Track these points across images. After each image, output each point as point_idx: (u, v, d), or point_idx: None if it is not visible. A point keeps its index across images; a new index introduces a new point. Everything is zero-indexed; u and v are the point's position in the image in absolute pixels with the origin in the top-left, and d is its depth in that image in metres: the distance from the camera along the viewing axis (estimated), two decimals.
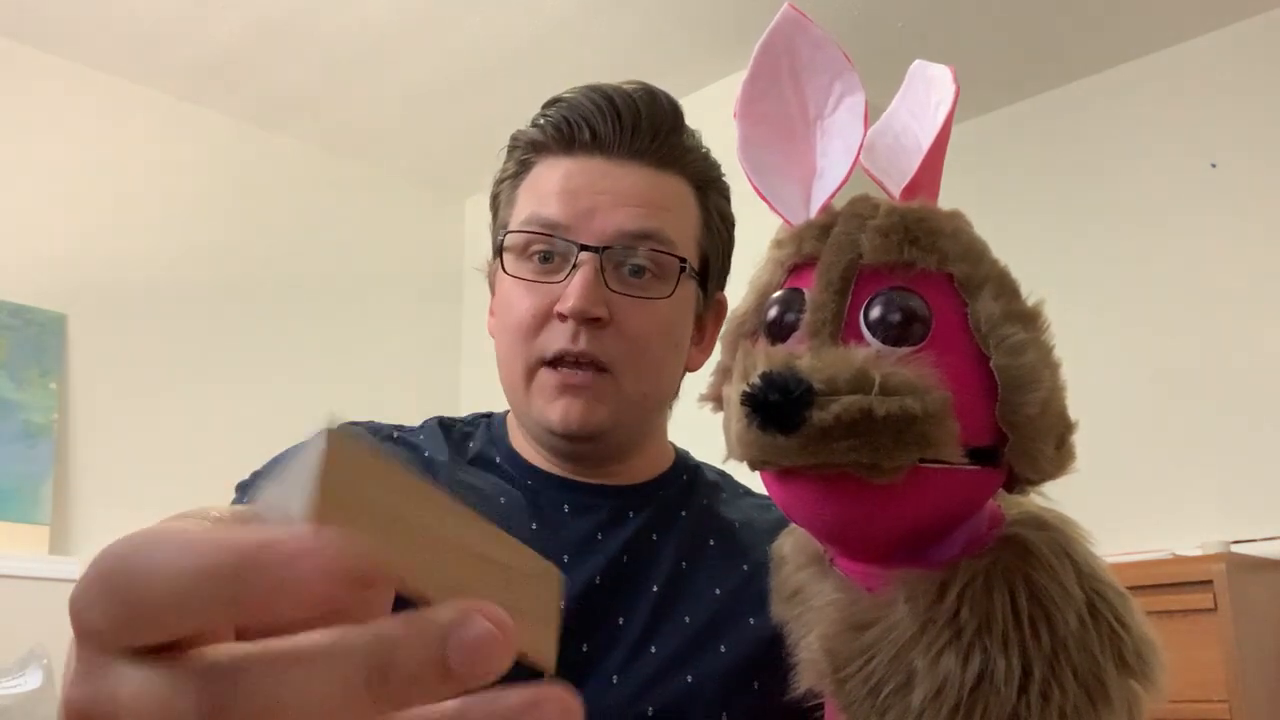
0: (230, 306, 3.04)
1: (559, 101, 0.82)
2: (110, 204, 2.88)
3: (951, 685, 0.49)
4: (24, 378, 2.63)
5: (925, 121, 0.56)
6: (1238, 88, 2.60)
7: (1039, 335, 0.53)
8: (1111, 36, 2.71)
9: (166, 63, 2.88)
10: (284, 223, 3.22)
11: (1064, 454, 0.54)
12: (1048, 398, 0.52)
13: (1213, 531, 2.31)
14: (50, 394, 2.66)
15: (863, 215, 0.54)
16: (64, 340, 2.73)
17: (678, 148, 0.81)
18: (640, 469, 0.85)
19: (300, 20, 2.70)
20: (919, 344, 0.51)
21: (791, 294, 0.55)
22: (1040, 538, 0.53)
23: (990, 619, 0.50)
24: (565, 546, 0.78)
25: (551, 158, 0.81)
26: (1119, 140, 2.77)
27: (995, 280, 0.53)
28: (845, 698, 0.52)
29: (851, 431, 0.48)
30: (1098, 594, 0.52)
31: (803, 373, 0.48)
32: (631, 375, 0.78)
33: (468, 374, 3.54)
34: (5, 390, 2.60)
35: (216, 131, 3.12)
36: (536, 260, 0.79)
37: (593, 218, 0.77)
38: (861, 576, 0.56)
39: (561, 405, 0.77)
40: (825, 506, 0.52)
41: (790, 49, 0.59)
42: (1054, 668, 0.49)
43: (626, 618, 0.76)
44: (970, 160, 2.88)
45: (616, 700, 0.72)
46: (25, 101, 2.78)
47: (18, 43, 2.77)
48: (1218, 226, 2.57)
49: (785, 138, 0.59)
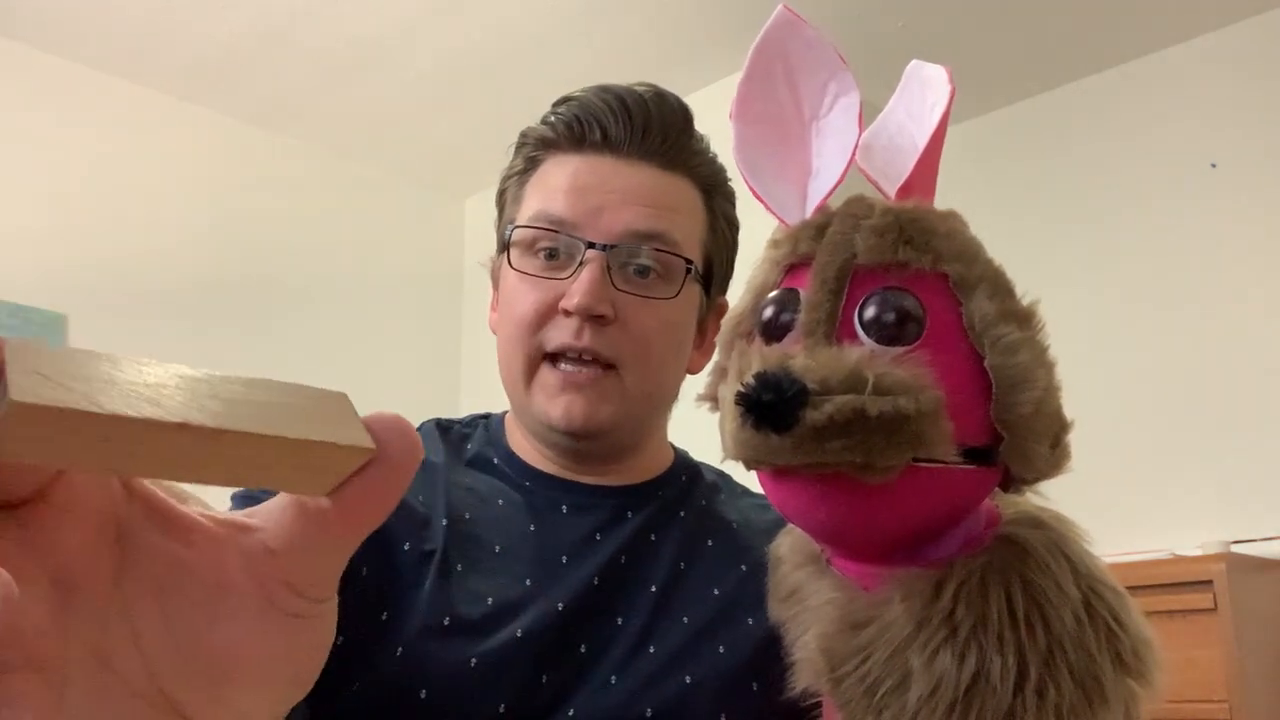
0: (230, 306, 3.05)
1: (570, 100, 0.82)
2: (110, 204, 2.88)
3: (947, 684, 0.49)
4: None
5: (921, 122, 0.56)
6: (1238, 88, 2.60)
7: (1034, 335, 0.53)
8: (1111, 36, 2.71)
9: (166, 63, 2.88)
10: (284, 223, 3.23)
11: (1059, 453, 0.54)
12: (1042, 397, 0.52)
13: (1213, 531, 2.31)
14: None
15: (858, 215, 0.54)
16: (64, 340, 2.73)
17: (686, 150, 0.82)
18: (640, 469, 0.85)
19: (300, 20, 2.70)
20: (913, 344, 0.51)
21: (787, 294, 0.55)
22: (1036, 537, 0.53)
23: (986, 618, 0.50)
24: (564, 547, 0.78)
25: (561, 155, 0.81)
26: (1119, 140, 2.77)
27: (990, 280, 0.53)
28: (841, 697, 0.52)
29: (845, 431, 0.48)
30: (1094, 593, 0.52)
31: (796, 372, 0.48)
32: (635, 374, 0.78)
33: (468, 374, 3.54)
34: None
35: (216, 131, 3.12)
36: (543, 256, 0.79)
37: (600, 216, 0.77)
38: (858, 576, 0.56)
39: (564, 402, 0.77)
40: (820, 506, 0.52)
41: (785, 50, 0.59)
42: (1050, 666, 0.49)
43: (625, 618, 0.76)
44: (969, 160, 2.88)
45: (615, 701, 0.72)
46: (25, 101, 2.78)
47: (18, 43, 2.77)
48: (1218, 226, 2.57)
49: (781, 138, 0.59)
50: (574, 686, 0.72)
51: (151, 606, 0.29)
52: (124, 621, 0.29)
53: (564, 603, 0.74)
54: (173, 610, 0.29)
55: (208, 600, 0.30)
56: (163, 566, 0.29)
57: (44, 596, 0.28)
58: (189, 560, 0.30)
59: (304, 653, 0.32)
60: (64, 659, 0.28)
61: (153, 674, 0.29)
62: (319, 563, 0.30)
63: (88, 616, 0.29)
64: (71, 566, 0.28)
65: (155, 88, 2.99)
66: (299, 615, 0.31)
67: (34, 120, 2.79)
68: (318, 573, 0.30)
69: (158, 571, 0.29)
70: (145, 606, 0.29)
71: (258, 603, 0.30)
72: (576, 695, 0.71)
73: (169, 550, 0.30)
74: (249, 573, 0.30)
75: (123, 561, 0.29)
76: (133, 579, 0.29)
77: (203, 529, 0.30)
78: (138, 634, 0.29)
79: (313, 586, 0.30)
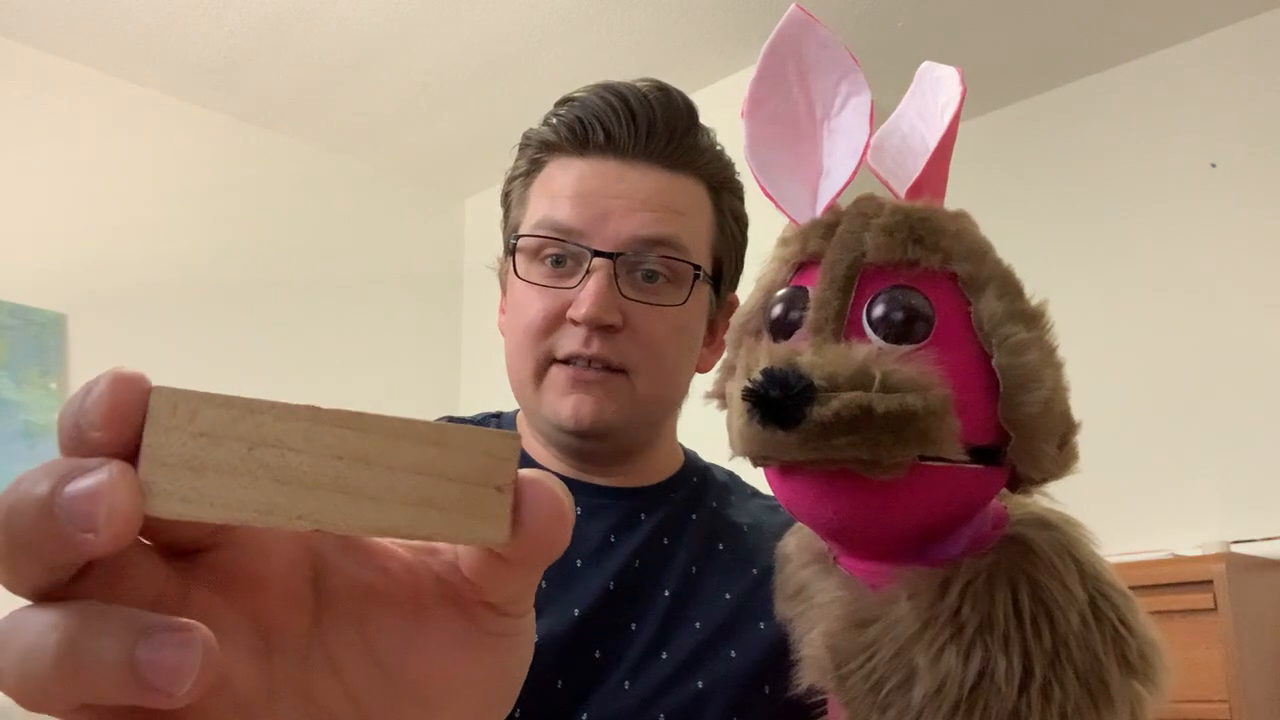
0: (230, 306, 3.04)
1: (572, 100, 0.80)
2: (110, 204, 2.87)
3: (952, 683, 0.49)
4: (24, 378, 2.63)
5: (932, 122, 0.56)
6: (1238, 88, 2.60)
7: (1042, 335, 0.53)
8: (1111, 36, 2.71)
9: (166, 63, 2.88)
10: (284, 223, 3.22)
11: (1067, 454, 0.54)
12: (1050, 397, 0.52)
13: (1213, 531, 2.31)
14: (50, 394, 2.66)
15: (867, 214, 0.54)
16: (64, 340, 2.73)
17: (693, 149, 0.80)
18: (650, 470, 0.84)
19: (300, 20, 2.70)
20: (921, 342, 0.51)
21: (796, 292, 0.55)
22: (1044, 537, 0.53)
23: (991, 617, 0.50)
24: (578, 552, 0.78)
25: (564, 158, 0.80)
26: (1119, 140, 2.77)
27: (999, 280, 0.53)
28: (846, 694, 0.52)
29: (851, 427, 0.48)
30: (1101, 594, 0.52)
31: (804, 369, 0.48)
32: (645, 378, 0.77)
33: (468, 374, 3.54)
34: (5, 390, 2.60)
35: (217, 131, 3.12)
36: (549, 264, 0.78)
37: (606, 223, 0.76)
38: (865, 574, 0.56)
39: (573, 401, 0.76)
40: (826, 502, 0.52)
41: (797, 50, 0.59)
42: (1055, 666, 0.49)
43: (638, 623, 0.76)
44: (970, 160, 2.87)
45: (628, 706, 0.72)
46: (25, 101, 2.78)
47: (18, 43, 2.77)
48: (1218, 226, 2.57)
49: (792, 137, 0.59)
50: (588, 692, 0.72)
51: (351, 637, 0.29)
52: (324, 655, 0.29)
53: (579, 609, 0.74)
54: (373, 638, 0.29)
55: (407, 626, 0.29)
56: (360, 596, 0.29)
57: (246, 644, 0.27)
58: (385, 588, 0.29)
59: (507, 671, 0.31)
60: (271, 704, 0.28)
61: (357, 704, 0.29)
62: (511, 584, 0.29)
63: (289, 655, 0.28)
64: (270, 608, 0.28)
65: (155, 88, 2.99)
66: (500, 634, 0.30)
67: (34, 120, 2.79)
68: (512, 590, 0.29)
69: (355, 602, 0.29)
70: (345, 637, 0.29)
71: (458, 624, 0.29)
72: (591, 701, 0.71)
73: (364, 579, 0.29)
74: (446, 596, 0.29)
75: (319, 595, 0.29)
76: (331, 611, 0.29)
77: (395, 555, 0.30)
78: (339, 667, 0.29)
79: (510, 604, 0.30)
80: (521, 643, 0.31)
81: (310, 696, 0.28)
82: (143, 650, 0.22)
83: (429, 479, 0.25)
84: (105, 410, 0.23)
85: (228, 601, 0.27)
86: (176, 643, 0.22)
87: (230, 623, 0.27)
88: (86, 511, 0.22)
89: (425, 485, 0.25)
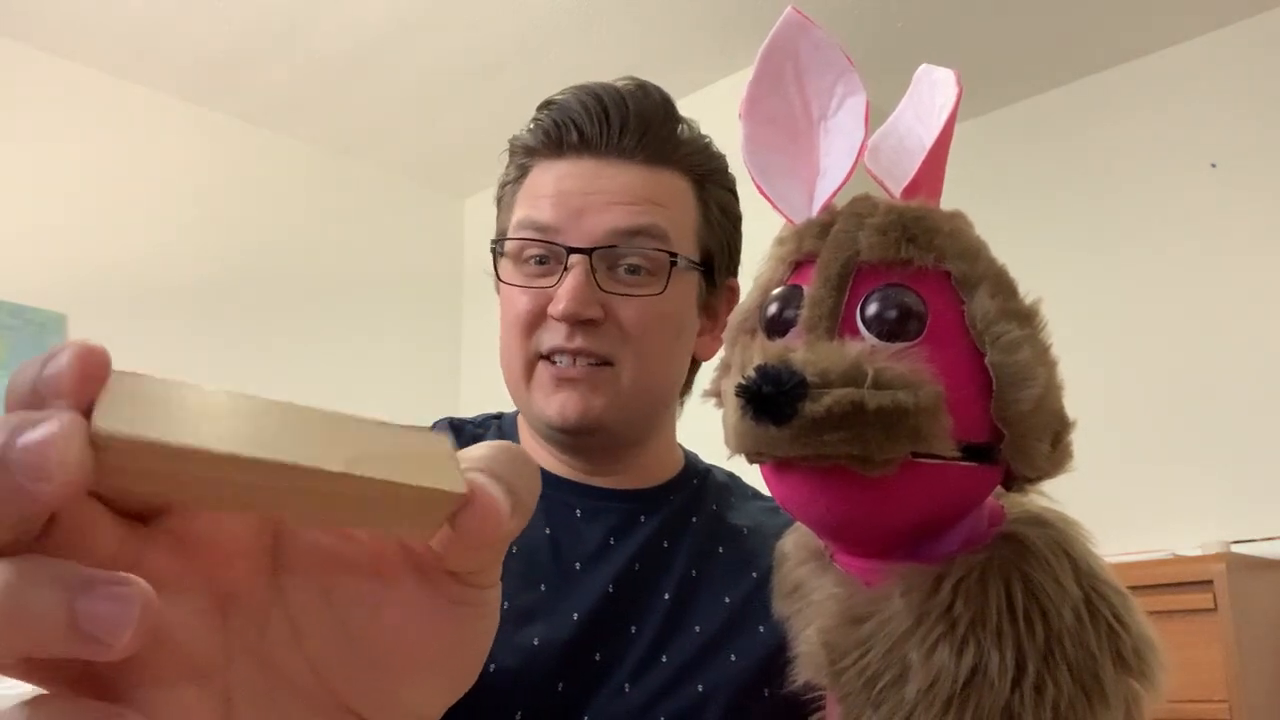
0: (230, 306, 3.05)
1: (551, 104, 0.82)
2: (110, 204, 2.88)
3: (945, 678, 0.49)
4: None
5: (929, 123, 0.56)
6: (1238, 88, 2.60)
7: (1035, 333, 0.53)
8: (1111, 36, 2.71)
9: (166, 63, 2.89)
10: (284, 223, 3.23)
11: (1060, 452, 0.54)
12: (1043, 394, 0.52)
13: (1213, 531, 2.31)
14: None
15: (862, 214, 0.54)
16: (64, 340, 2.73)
17: (670, 142, 0.81)
18: (649, 470, 0.85)
19: (300, 20, 2.70)
20: (915, 340, 0.51)
21: (791, 290, 0.55)
22: (1038, 535, 0.53)
23: (985, 613, 0.50)
24: (578, 553, 0.78)
25: (545, 161, 0.81)
26: (1119, 140, 2.78)
27: (992, 278, 0.53)
28: (841, 690, 0.52)
29: (843, 423, 0.48)
30: (1096, 592, 0.52)
31: (796, 365, 0.48)
32: (631, 368, 0.78)
33: (468, 374, 3.54)
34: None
35: (217, 131, 3.12)
36: (532, 264, 0.79)
37: (582, 219, 0.77)
38: (860, 571, 0.56)
39: (559, 399, 0.77)
40: (819, 498, 0.53)
41: (794, 51, 0.59)
42: (1048, 662, 0.49)
43: (639, 626, 0.76)
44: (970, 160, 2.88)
45: (628, 710, 0.72)
46: (25, 101, 2.79)
47: (18, 43, 2.77)
48: (1218, 226, 2.57)
49: (789, 138, 0.59)
50: (589, 695, 0.72)
51: (314, 602, 0.29)
52: (286, 620, 0.29)
53: (580, 613, 0.74)
54: (336, 604, 0.29)
55: (370, 593, 0.29)
56: (323, 562, 0.29)
57: (202, 606, 0.28)
58: (348, 554, 0.29)
59: (469, 641, 0.31)
60: (228, 667, 0.28)
61: (318, 672, 0.29)
62: (477, 554, 0.29)
63: (247, 619, 0.28)
64: (228, 573, 0.28)
65: (155, 88, 3.00)
66: (463, 603, 0.30)
67: (34, 120, 2.79)
68: (477, 562, 0.30)
69: (318, 567, 0.29)
70: (307, 603, 0.29)
71: (422, 592, 0.30)
72: (591, 704, 0.72)
73: (327, 545, 0.29)
74: (410, 563, 0.30)
75: (282, 561, 0.29)
76: (293, 577, 0.29)
77: None
78: (301, 633, 0.29)
79: (474, 574, 0.30)
80: (486, 613, 0.31)
81: (268, 662, 0.29)
82: (82, 602, 0.22)
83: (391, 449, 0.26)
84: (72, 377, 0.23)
85: (183, 564, 0.27)
86: (114, 595, 0.23)
87: (185, 585, 0.27)
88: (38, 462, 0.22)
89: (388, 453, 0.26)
